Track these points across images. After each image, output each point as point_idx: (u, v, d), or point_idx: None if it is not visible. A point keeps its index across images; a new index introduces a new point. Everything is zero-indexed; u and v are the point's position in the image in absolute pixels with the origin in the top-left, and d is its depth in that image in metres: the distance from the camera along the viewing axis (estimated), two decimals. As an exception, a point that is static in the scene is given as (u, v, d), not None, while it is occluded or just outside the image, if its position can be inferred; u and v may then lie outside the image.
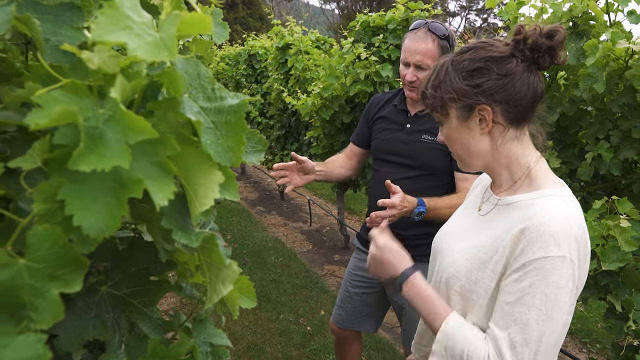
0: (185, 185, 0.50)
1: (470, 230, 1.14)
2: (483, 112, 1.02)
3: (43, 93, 0.42)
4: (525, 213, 0.97)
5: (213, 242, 0.52)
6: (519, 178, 1.06)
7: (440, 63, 1.09)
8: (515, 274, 0.94)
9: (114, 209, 0.42)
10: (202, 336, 0.70)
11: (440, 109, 1.07)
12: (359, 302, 2.12)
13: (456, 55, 1.06)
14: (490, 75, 1.00)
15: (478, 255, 1.04)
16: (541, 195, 1.00)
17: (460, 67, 1.03)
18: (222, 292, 0.52)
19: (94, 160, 0.39)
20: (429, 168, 1.86)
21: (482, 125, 1.03)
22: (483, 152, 1.07)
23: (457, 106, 1.04)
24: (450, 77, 1.04)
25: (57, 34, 0.54)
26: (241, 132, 0.50)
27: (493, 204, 1.11)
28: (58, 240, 0.43)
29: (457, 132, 1.07)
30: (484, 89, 1.00)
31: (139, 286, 0.61)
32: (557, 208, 0.96)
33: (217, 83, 0.54)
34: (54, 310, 0.43)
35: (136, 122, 0.40)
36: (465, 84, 1.02)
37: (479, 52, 1.02)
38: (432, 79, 1.08)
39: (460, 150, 1.10)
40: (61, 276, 0.44)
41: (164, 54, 0.41)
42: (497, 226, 1.04)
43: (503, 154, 1.06)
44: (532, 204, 0.99)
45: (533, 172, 1.05)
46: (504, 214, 1.05)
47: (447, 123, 1.09)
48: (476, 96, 1.01)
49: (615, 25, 2.11)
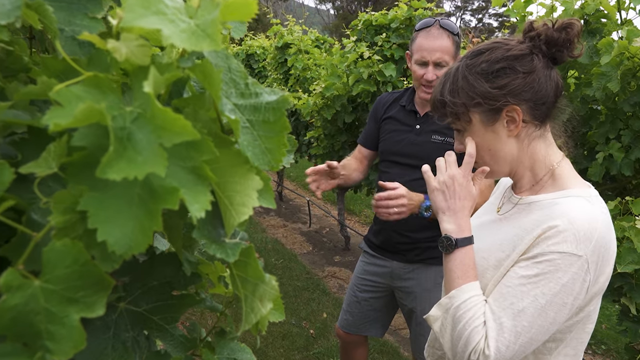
0: (218, 192, 0.44)
1: (489, 230, 1.12)
2: (512, 113, 0.98)
3: (62, 89, 0.36)
4: (548, 212, 0.95)
5: (250, 254, 0.46)
6: (542, 178, 1.04)
7: (452, 68, 1.05)
8: (525, 261, 0.93)
9: (145, 222, 0.36)
10: (226, 352, 0.65)
11: (462, 116, 1.03)
12: (367, 307, 2.06)
13: (469, 59, 1.02)
14: (516, 75, 0.97)
15: (495, 254, 1.02)
16: (565, 195, 0.98)
17: (479, 70, 0.99)
18: (260, 311, 0.46)
19: (124, 167, 0.34)
20: None
21: (510, 127, 1.00)
22: (510, 155, 1.03)
23: (482, 110, 1.00)
24: (470, 82, 1.00)
25: (71, 24, 0.48)
26: (282, 132, 0.44)
27: (513, 203, 1.09)
28: (79, 258, 0.38)
29: (482, 137, 1.03)
30: (511, 89, 0.97)
31: (160, 301, 0.55)
32: (582, 208, 0.93)
33: (250, 78, 0.48)
34: (74, 339, 0.37)
35: (174, 120, 0.34)
36: (490, 87, 0.98)
37: (496, 53, 0.99)
38: (447, 86, 1.03)
39: (487, 157, 1.05)
40: (82, 299, 0.38)
41: (205, 43, 0.35)
42: (517, 225, 1.01)
43: (528, 154, 1.04)
44: (555, 203, 0.97)
45: (557, 172, 1.03)
46: (524, 213, 1.03)
47: (470, 130, 1.04)
48: (504, 97, 0.97)
49: (627, 23, 2.07)
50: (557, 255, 0.89)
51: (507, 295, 0.92)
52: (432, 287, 1.93)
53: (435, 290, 1.93)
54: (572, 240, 0.88)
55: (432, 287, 1.93)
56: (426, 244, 1.89)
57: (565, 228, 0.89)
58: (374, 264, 2.02)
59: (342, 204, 4.83)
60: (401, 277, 1.96)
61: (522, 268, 0.92)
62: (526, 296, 0.90)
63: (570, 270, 0.88)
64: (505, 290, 0.93)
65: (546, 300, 0.89)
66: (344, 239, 5.11)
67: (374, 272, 2.03)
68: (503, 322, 0.90)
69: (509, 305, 0.91)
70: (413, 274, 1.93)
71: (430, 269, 1.92)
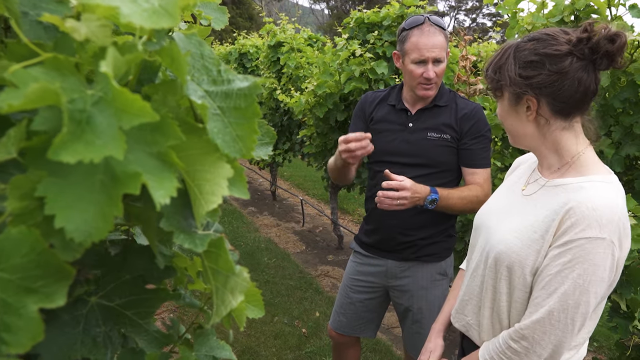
0: (188, 180, 0.43)
1: (516, 208, 1.21)
2: (529, 102, 1.10)
3: (18, 69, 0.35)
4: (574, 196, 1.05)
5: (220, 246, 0.45)
6: (567, 162, 1.14)
7: (505, 46, 1.15)
8: (557, 249, 1.05)
9: (105, 207, 0.35)
10: (204, 349, 0.63)
11: (496, 91, 1.16)
12: (361, 308, 2.04)
13: (522, 42, 1.11)
14: (542, 71, 1.06)
15: (527, 234, 1.12)
16: (590, 180, 1.08)
17: (521, 56, 1.09)
18: (231, 303, 0.45)
19: (80, 149, 0.32)
20: (438, 165, 1.83)
21: (527, 113, 1.12)
22: (529, 135, 1.16)
23: (509, 91, 1.12)
24: (508, 64, 1.10)
25: (36, 7, 0.46)
26: (252, 119, 0.43)
27: (540, 185, 1.18)
28: (36, 246, 0.36)
29: (507, 113, 1.17)
30: (533, 83, 1.07)
31: (133, 295, 0.54)
32: (605, 194, 1.04)
33: (223, 64, 0.47)
34: (31, 330, 0.36)
35: (132, 102, 0.33)
36: (518, 74, 1.08)
37: (539, 45, 1.07)
38: (495, 61, 1.14)
39: (510, 128, 1.20)
40: (40, 289, 0.37)
41: (165, 20, 0.34)
42: (545, 206, 1.11)
43: (550, 140, 1.14)
44: (581, 187, 1.07)
45: (582, 158, 1.12)
46: (550, 195, 1.13)
47: (500, 103, 1.18)
48: (525, 87, 1.08)
49: (617, 19, 2.07)
50: (585, 241, 1.01)
51: (551, 282, 1.05)
52: (428, 284, 1.92)
53: (432, 288, 1.93)
54: (596, 226, 1.00)
55: (428, 284, 1.92)
56: (423, 242, 1.88)
57: (589, 214, 1.01)
58: (368, 264, 2.01)
59: (335, 202, 4.82)
60: (396, 276, 1.95)
61: (557, 256, 1.05)
62: (566, 279, 1.03)
63: (599, 251, 1.00)
64: (547, 278, 1.06)
65: (584, 279, 1.01)
66: (337, 238, 5.10)
67: (368, 272, 2.01)
68: (552, 307, 1.04)
69: (553, 290, 1.04)
70: (409, 272, 1.92)
71: (426, 266, 1.91)
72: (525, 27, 2.24)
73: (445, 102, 1.84)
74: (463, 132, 1.80)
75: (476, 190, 1.79)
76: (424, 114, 1.84)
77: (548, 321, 1.05)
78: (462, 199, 1.77)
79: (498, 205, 1.30)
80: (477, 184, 1.80)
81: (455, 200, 1.76)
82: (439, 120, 1.82)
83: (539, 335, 1.06)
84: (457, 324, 1.36)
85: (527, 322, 1.08)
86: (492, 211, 1.30)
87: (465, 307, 1.31)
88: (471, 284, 1.29)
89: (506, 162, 2.43)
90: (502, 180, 2.40)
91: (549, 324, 1.05)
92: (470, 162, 1.82)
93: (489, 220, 1.27)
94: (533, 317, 1.07)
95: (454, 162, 1.84)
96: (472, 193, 1.78)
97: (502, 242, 1.16)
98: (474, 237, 1.35)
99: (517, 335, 1.10)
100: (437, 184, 1.78)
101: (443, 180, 1.83)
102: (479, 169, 1.81)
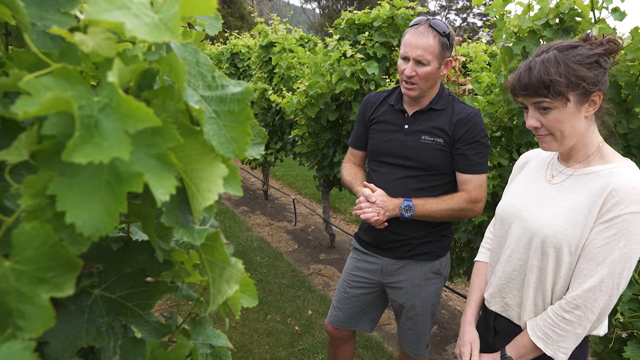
0: (186, 179, 0.47)
1: (550, 196, 1.34)
2: (596, 97, 1.23)
3: (31, 79, 0.38)
4: (610, 179, 1.20)
5: (217, 239, 0.48)
6: (592, 153, 1.30)
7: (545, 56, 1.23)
8: (603, 225, 1.20)
9: (111, 205, 0.39)
10: (201, 338, 0.67)
11: (561, 96, 1.21)
12: (357, 303, 2.10)
13: (560, 52, 1.22)
14: (603, 69, 1.22)
15: (571, 215, 1.25)
16: (617, 166, 1.24)
17: (578, 60, 1.21)
18: (227, 292, 0.48)
19: (90, 152, 0.36)
20: (430, 168, 1.86)
21: (588, 109, 1.24)
22: (579, 131, 1.27)
23: (578, 92, 1.21)
24: (573, 68, 1.20)
25: (43, 19, 0.50)
26: (246, 122, 0.47)
27: (567, 174, 1.33)
28: (47, 240, 0.40)
29: (571, 115, 1.24)
30: (600, 79, 1.21)
31: (134, 288, 0.57)
32: (635, 175, 1.20)
33: (217, 70, 0.50)
34: (43, 317, 0.39)
35: (136, 109, 0.36)
36: (592, 74, 1.20)
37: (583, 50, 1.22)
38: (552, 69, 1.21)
39: (568, 131, 1.26)
40: (51, 279, 0.40)
41: (166, 35, 0.37)
42: (583, 191, 1.26)
43: (587, 134, 1.29)
44: (614, 172, 1.22)
45: (603, 149, 1.30)
46: (584, 181, 1.27)
47: (561, 108, 1.23)
48: (597, 84, 1.21)
49: (600, 22, 2.13)
50: (629, 215, 1.16)
51: (598, 254, 1.20)
52: (421, 282, 1.96)
53: (426, 286, 1.97)
54: (637, 202, 1.16)
55: (422, 282, 1.96)
56: (417, 240, 1.92)
57: (630, 193, 1.16)
58: (365, 261, 2.05)
59: (327, 202, 4.86)
60: (391, 273, 1.99)
61: (602, 231, 1.20)
62: (613, 250, 1.18)
63: None
64: (595, 251, 1.20)
65: (629, 248, 1.17)
66: (329, 237, 5.14)
67: (365, 268, 2.06)
68: (603, 274, 1.18)
69: (602, 260, 1.19)
70: (403, 269, 1.97)
71: (420, 264, 1.95)
72: (512, 29, 2.29)
73: (441, 106, 1.86)
74: (457, 137, 1.82)
75: (458, 198, 1.82)
76: (419, 116, 1.87)
77: (599, 288, 1.19)
78: (441, 209, 1.81)
79: (523, 197, 1.43)
80: (466, 190, 1.83)
81: (433, 209, 1.80)
82: (433, 124, 1.84)
83: (591, 303, 1.20)
84: (493, 306, 1.48)
85: (579, 292, 1.21)
86: (519, 203, 1.42)
87: (503, 290, 1.44)
88: (507, 269, 1.42)
89: (494, 160, 2.48)
90: (491, 178, 2.47)
91: (599, 291, 1.19)
92: (463, 167, 1.84)
93: (520, 211, 1.40)
94: (584, 286, 1.20)
95: (448, 166, 1.86)
96: (452, 201, 1.82)
97: (547, 225, 1.29)
98: (501, 228, 1.47)
99: (570, 306, 1.23)
100: (429, 187, 1.83)
101: (435, 183, 1.86)
102: (470, 175, 1.83)
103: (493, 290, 1.49)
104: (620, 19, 2.07)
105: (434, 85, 1.86)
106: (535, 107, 1.27)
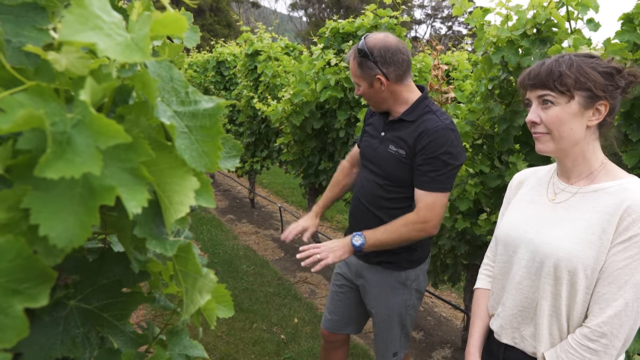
0: (159, 192, 0.48)
1: (556, 216, 1.27)
2: (601, 107, 1.18)
3: (5, 96, 0.40)
4: (623, 196, 1.14)
5: (189, 250, 0.50)
6: (596, 169, 1.24)
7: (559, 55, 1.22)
8: (621, 245, 1.12)
9: (84, 217, 0.40)
10: (177, 348, 0.68)
11: (568, 92, 1.17)
12: (339, 299, 2.18)
13: (577, 57, 1.20)
14: (615, 82, 1.18)
15: (584, 236, 1.17)
16: (626, 182, 1.18)
17: (593, 66, 1.17)
18: (199, 302, 0.50)
19: (62, 167, 0.37)
20: (394, 179, 1.85)
21: (591, 118, 1.19)
22: (578, 139, 1.21)
23: (585, 95, 1.17)
24: (585, 69, 1.17)
25: (19, 35, 0.51)
26: (217, 136, 0.48)
27: (571, 192, 1.26)
28: (22, 252, 0.41)
29: (573, 116, 1.19)
30: (609, 90, 1.17)
31: (110, 299, 0.58)
32: None
33: (190, 87, 0.52)
34: (17, 327, 0.40)
35: (107, 126, 0.38)
36: (603, 80, 1.16)
37: (600, 61, 1.19)
38: (565, 63, 1.18)
39: (565, 132, 1.20)
40: (25, 290, 0.41)
41: (137, 55, 0.39)
42: (593, 209, 1.18)
43: (588, 147, 1.23)
44: (625, 189, 1.16)
45: (608, 165, 1.24)
46: (592, 199, 1.20)
47: (565, 105, 1.19)
48: (606, 93, 1.16)
49: (575, 32, 2.19)
50: None
51: (619, 276, 1.11)
52: (387, 290, 1.98)
53: (391, 295, 1.98)
54: None
55: (388, 290, 1.98)
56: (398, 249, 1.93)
57: None
58: (346, 260, 2.10)
59: (314, 209, 4.86)
60: (361, 275, 2.05)
61: (622, 251, 1.11)
62: (636, 271, 1.10)
63: None
64: (616, 273, 1.12)
65: None
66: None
67: (344, 265, 2.16)
68: (626, 297, 1.10)
69: (624, 283, 1.11)
70: (370, 273, 2.00)
71: (386, 272, 1.97)
72: (491, 39, 2.34)
73: (413, 118, 1.82)
74: (417, 150, 1.76)
75: (406, 220, 1.76)
76: (392, 126, 1.88)
77: (624, 313, 1.11)
78: (391, 232, 1.77)
79: (528, 219, 1.33)
80: (416, 210, 1.77)
81: (384, 235, 1.77)
82: (399, 134, 1.84)
83: (617, 329, 1.11)
84: (505, 339, 1.36)
85: (604, 318, 1.12)
86: (523, 225, 1.33)
87: (515, 320, 1.33)
88: (518, 297, 1.31)
89: (476, 168, 2.52)
90: (473, 185, 2.50)
91: (625, 315, 1.11)
92: (417, 183, 1.78)
93: (525, 233, 1.30)
94: (608, 312, 1.12)
95: (410, 178, 1.81)
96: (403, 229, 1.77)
97: (559, 248, 1.20)
98: (505, 253, 1.38)
99: (595, 335, 1.13)
100: (392, 198, 1.86)
101: (398, 195, 1.85)
102: (423, 192, 1.76)
103: (503, 321, 1.37)
104: (595, 29, 2.13)
105: (396, 98, 1.85)
106: (539, 101, 1.22)
